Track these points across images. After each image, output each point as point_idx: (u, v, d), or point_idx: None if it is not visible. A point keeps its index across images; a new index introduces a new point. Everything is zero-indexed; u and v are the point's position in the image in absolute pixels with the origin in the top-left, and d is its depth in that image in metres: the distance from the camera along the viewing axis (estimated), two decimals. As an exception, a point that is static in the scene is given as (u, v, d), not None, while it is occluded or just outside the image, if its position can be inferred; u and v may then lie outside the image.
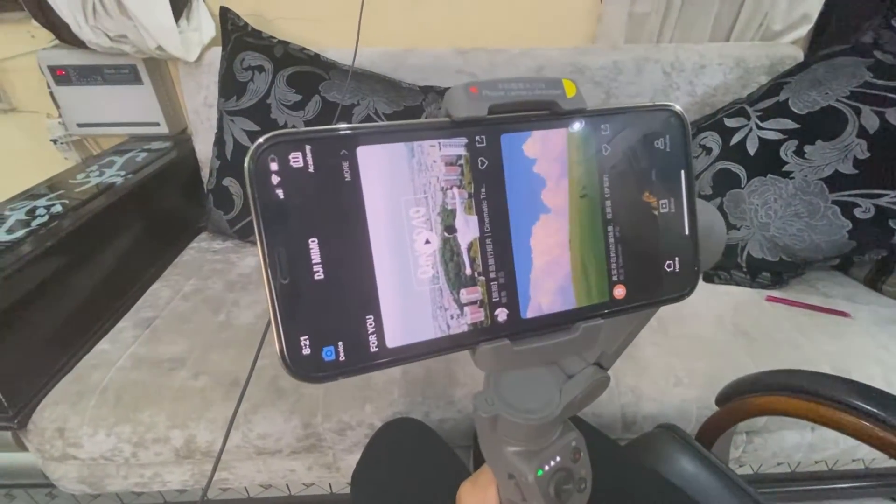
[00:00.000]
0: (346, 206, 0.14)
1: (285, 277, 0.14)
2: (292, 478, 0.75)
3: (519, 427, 0.23)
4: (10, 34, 1.11)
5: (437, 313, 0.16)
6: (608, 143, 0.17)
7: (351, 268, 0.14)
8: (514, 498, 0.25)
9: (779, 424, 0.75)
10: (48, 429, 0.66)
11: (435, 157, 0.15)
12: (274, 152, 0.14)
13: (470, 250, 0.16)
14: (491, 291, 0.16)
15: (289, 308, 0.14)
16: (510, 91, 0.16)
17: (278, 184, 0.14)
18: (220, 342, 0.76)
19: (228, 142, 0.99)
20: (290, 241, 0.14)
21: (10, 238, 0.72)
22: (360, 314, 0.15)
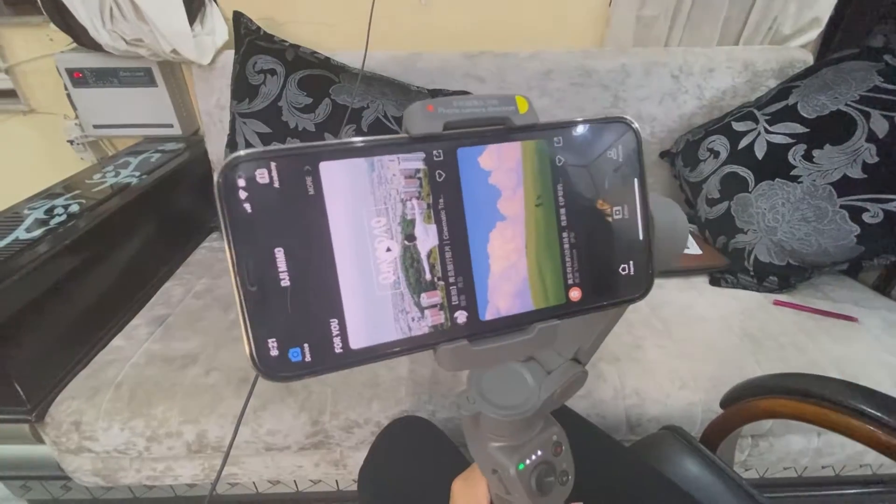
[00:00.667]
0: (310, 217, 0.15)
1: (253, 285, 0.15)
2: (300, 474, 0.76)
3: (500, 423, 0.24)
4: (29, 38, 1.14)
5: (399, 316, 0.17)
6: (561, 155, 0.18)
7: (315, 275, 0.15)
8: (500, 492, 0.26)
9: (785, 429, 0.75)
10: (64, 422, 0.67)
11: (394, 170, 0.16)
12: (241, 169, 0.14)
13: (429, 257, 0.17)
14: (450, 295, 0.17)
15: (257, 313, 0.15)
16: (464, 108, 0.17)
17: (246, 198, 0.14)
18: (230, 339, 0.78)
19: (241, 143, 1.01)
20: (257, 251, 0.15)
21: (29, 237, 0.74)
22: (324, 318, 0.16)
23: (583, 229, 0.19)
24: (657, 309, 0.85)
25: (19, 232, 0.75)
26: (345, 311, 0.16)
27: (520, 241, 0.18)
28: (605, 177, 0.19)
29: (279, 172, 0.15)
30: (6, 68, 1.16)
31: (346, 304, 0.16)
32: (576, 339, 0.26)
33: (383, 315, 0.16)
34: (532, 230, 0.18)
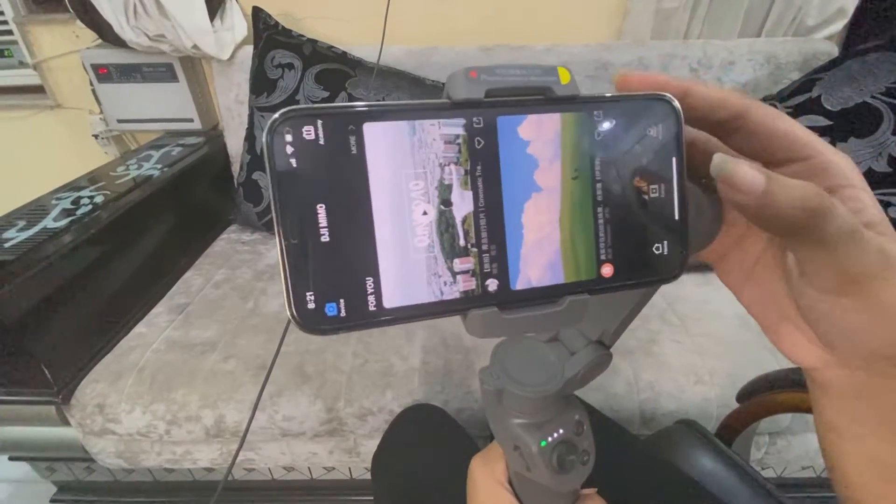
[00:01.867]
0: (351, 176, 0.16)
1: (294, 238, 0.15)
2: (314, 461, 0.78)
3: (522, 399, 0.24)
4: (56, 34, 1.18)
5: (432, 279, 0.17)
6: (601, 129, 0.18)
7: (354, 233, 0.16)
8: (520, 469, 0.26)
9: (804, 426, 0.73)
10: (89, 405, 0.70)
11: (435, 135, 0.16)
12: (289, 125, 0.15)
13: (464, 223, 0.17)
14: (483, 262, 0.17)
15: (296, 266, 0.15)
16: (507, 76, 0.17)
17: (291, 153, 0.15)
18: (248, 328, 0.79)
19: (259, 137, 1.02)
20: (300, 205, 0.15)
21: (56, 226, 0.77)
22: (360, 275, 0.16)
23: (618, 205, 0.19)
24: (673, 304, 0.84)
25: (47, 222, 0.78)
26: (380, 271, 0.16)
27: (554, 213, 0.18)
28: (643, 154, 0.19)
29: (325, 130, 0.15)
30: (34, 64, 1.20)
31: (381, 264, 0.16)
32: (601, 321, 0.26)
33: (417, 277, 0.17)
34: (567, 203, 0.18)
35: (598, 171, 0.18)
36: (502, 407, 0.26)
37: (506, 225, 0.18)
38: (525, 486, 0.28)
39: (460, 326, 0.60)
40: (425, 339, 0.77)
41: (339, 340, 0.76)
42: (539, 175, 0.18)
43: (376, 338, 0.77)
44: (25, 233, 0.74)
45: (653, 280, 0.20)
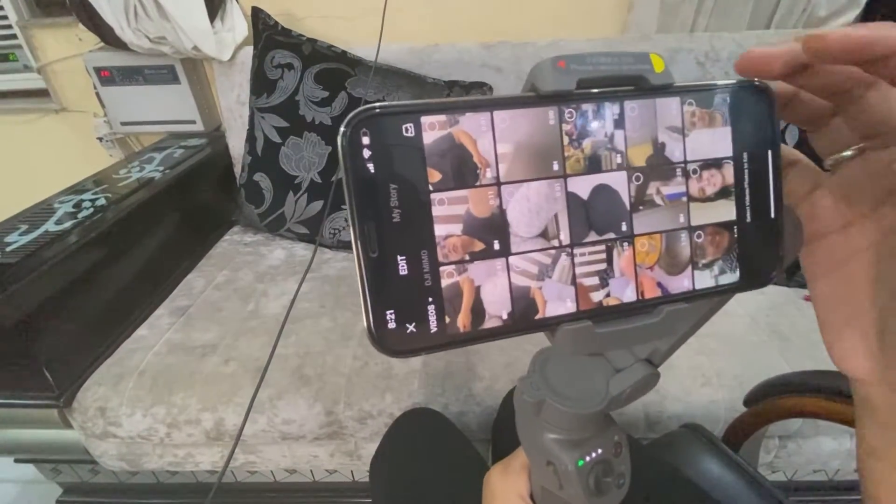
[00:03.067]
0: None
1: (374, 251, 0.14)
2: (316, 463, 0.77)
3: (563, 415, 0.23)
4: (59, 38, 1.18)
5: (520, 294, 0.16)
6: (694, 118, 0.17)
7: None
8: (550, 486, 0.25)
9: (814, 429, 0.71)
10: (91, 408, 0.70)
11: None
12: (366, 126, 0.14)
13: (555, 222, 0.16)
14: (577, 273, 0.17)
15: (376, 282, 0.14)
16: (598, 65, 0.16)
17: (369, 158, 0.14)
18: (249, 330, 0.79)
19: (259, 138, 1.02)
20: (380, 214, 0.14)
21: (59, 229, 0.77)
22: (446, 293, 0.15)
23: (712, 204, 0.18)
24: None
25: (49, 224, 0.78)
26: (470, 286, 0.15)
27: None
28: (738, 147, 0.18)
29: (404, 130, 0.14)
30: (38, 68, 1.21)
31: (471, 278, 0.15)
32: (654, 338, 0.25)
33: (504, 293, 0.16)
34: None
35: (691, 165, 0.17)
36: (539, 420, 0.24)
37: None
38: (551, 503, 0.27)
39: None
40: (426, 340, 0.76)
41: (339, 343, 0.76)
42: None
43: (376, 340, 0.76)
44: (27, 236, 0.75)
45: (746, 284, 0.18)
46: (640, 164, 0.17)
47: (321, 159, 1.00)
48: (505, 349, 0.74)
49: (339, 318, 0.81)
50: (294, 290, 0.88)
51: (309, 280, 0.90)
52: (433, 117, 0.14)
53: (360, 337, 0.77)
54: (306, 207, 1.01)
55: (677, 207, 0.17)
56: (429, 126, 0.14)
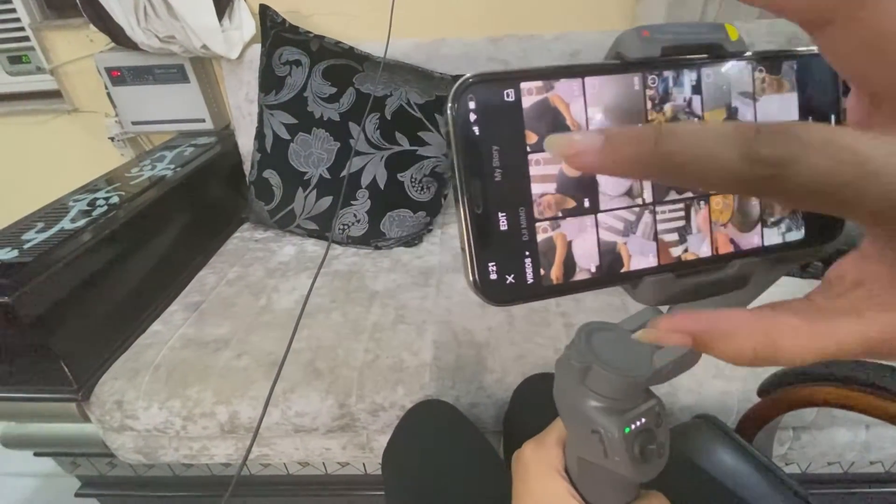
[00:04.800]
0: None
1: (479, 207, 0.15)
2: (328, 456, 0.78)
3: (610, 381, 0.24)
4: (71, 39, 1.20)
5: (607, 248, 0.17)
6: (764, 84, 0.18)
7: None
8: (592, 456, 0.26)
9: (829, 420, 0.71)
10: (108, 401, 0.71)
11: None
12: (472, 91, 0.15)
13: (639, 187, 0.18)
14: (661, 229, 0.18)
15: (480, 236, 0.15)
16: (679, 34, 0.17)
17: (475, 121, 0.15)
18: (261, 325, 0.80)
19: (268, 135, 1.03)
20: (484, 173, 0.15)
21: (73, 227, 0.78)
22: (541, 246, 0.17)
23: None
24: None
25: (64, 223, 0.80)
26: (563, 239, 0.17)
27: None
28: (804, 111, 0.19)
29: (506, 95, 0.15)
30: (51, 69, 1.23)
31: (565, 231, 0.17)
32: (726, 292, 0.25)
33: (592, 247, 0.17)
34: None
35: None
36: (583, 388, 0.25)
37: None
38: (589, 475, 0.27)
39: (472, 321, 0.60)
40: (436, 334, 0.76)
41: (350, 336, 0.76)
42: None
43: (387, 333, 0.77)
44: (44, 234, 0.76)
45: (811, 241, 0.19)
46: None
47: (330, 155, 1.00)
48: (516, 342, 0.74)
49: (350, 312, 0.82)
50: (305, 285, 0.89)
51: (319, 275, 0.91)
52: (531, 83, 0.15)
53: (371, 331, 0.78)
54: (316, 203, 1.02)
55: None
56: (527, 91, 0.15)
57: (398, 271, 0.93)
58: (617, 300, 0.81)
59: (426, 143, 1.00)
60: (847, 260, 0.14)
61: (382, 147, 0.99)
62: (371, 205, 1.00)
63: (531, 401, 0.60)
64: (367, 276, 0.92)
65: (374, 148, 0.99)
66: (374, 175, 0.99)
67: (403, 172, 1.00)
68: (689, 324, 0.14)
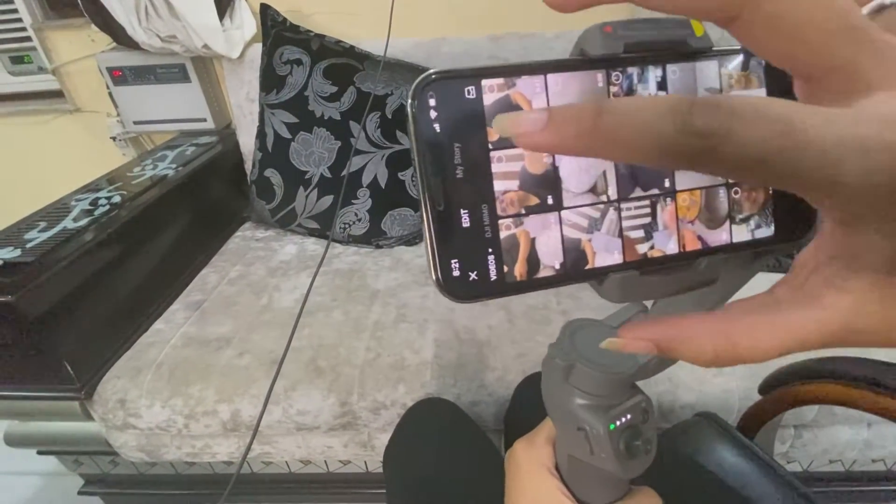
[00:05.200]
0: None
1: (440, 205, 0.15)
2: (330, 454, 0.78)
3: (593, 378, 0.24)
4: (73, 40, 1.20)
5: (571, 246, 0.17)
6: (731, 80, 0.18)
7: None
8: (579, 453, 0.26)
9: (830, 419, 0.71)
10: (111, 400, 0.71)
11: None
12: (433, 89, 0.15)
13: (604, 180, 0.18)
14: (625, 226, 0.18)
15: (442, 233, 0.16)
16: (643, 31, 0.17)
17: (435, 118, 0.15)
18: (262, 323, 0.80)
19: (269, 134, 1.03)
20: (445, 171, 0.15)
21: (76, 226, 0.79)
22: (505, 244, 0.17)
23: None
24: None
25: (67, 222, 0.80)
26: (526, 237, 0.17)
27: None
28: None
29: (467, 92, 0.15)
30: (52, 69, 1.23)
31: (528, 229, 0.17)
32: (680, 311, 0.25)
33: (556, 245, 0.17)
34: None
35: None
36: (567, 386, 0.25)
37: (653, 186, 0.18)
38: (578, 472, 0.27)
39: (473, 320, 0.61)
40: (437, 332, 0.76)
41: (351, 335, 0.77)
42: None
43: (388, 332, 0.77)
44: (46, 233, 0.76)
45: (781, 239, 0.19)
46: None
47: (331, 154, 1.00)
48: (517, 341, 0.74)
49: (351, 311, 0.82)
50: (306, 284, 0.89)
51: (320, 274, 0.91)
52: (493, 80, 0.15)
53: (372, 329, 0.78)
54: (317, 202, 1.02)
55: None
56: (488, 88, 0.15)
57: (399, 270, 0.94)
58: (618, 298, 0.81)
59: (427, 142, 1.00)
60: (809, 248, 0.14)
61: (383, 146, 0.99)
62: (372, 203, 1.00)
63: (532, 399, 0.60)
64: (369, 274, 0.93)
65: (374, 147, 0.99)
66: (374, 174, 1.00)
67: (404, 171, 1.00)
68: (651, 331, 0.14)
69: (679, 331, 0.14)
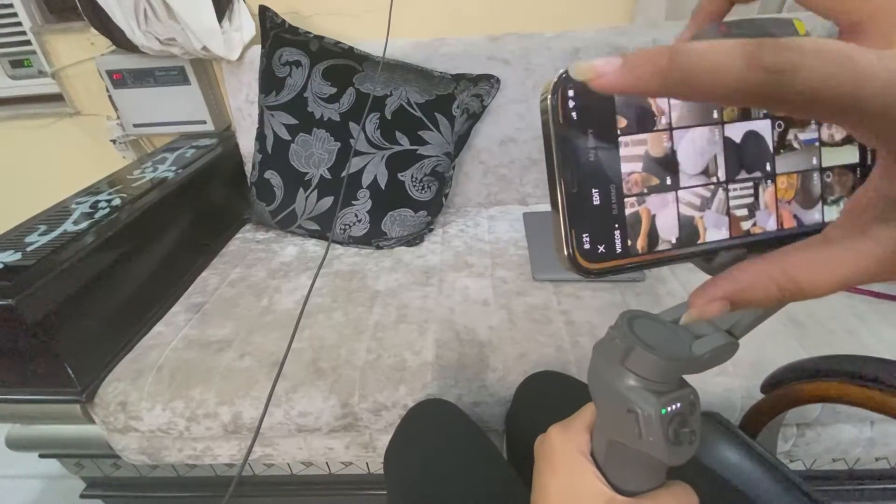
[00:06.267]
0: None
1: (574, 187, 0.17)
2: (331, 456, 0.78)
3: (651, 362, 0.24)
4: (72, 43, 1.20)
5: (688, 222, 0.19)
6: None
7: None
8: (625, 437, 0.26)
9: (833, 417, 0.70)
10: (112, 403, 0.71)
11: None
12: (571, 82, 0.17)
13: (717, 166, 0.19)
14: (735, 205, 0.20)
15: (575, 213, 0.17)
16: (753, 30, 0.19)
17: (573, 108, 0.17)
18: (263, 325, 0.80)
19: (269, 136, 1.03)
20: (580, 154, 0.17)
21: (76, 229, 0.79)
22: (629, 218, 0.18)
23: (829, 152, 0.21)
24: (693, 288, 0.82)
25: (67, 225, 0.80)
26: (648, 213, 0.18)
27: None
28: None
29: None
30: (52, 73, 1.23)
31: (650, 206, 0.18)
32: (736, 311, 0.25)
33: (673, 221, 0.19)
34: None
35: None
36: (622, 368, 0.25)
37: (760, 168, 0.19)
38: (618, 458, 0.27)
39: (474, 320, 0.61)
40: (438, 333, 0.76)
41: (352, 336, 0.76)
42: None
43: (389, 332, 0.77)
44: (47, 236, 0.76)
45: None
46: (781, 114, 0.19)
47: (330, 155, 1.00)
48: (518, 341, 0.74)
49: (352, 312, 0.82)
50: (306, 285, 0.89)
51: (321, 275, 0.91)
52: None
53: (372, 330, 0.78)
54: (317, 203, 1.02)
55: (811, 151, 0.20)
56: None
57: (400, 271, 0.93)
58: (618, 297, 0.81)
59: (426, 143, 1.00)
60: (858, 191, 0.14)
61: (383, 147, 0.99)
62: (372, 204, 1.00)
63: (534, 399, 0.60)
64: (369, 275, 0.93)
65: (374, 148, 0.99)
66: (374, 175, 1.00)
67: (404, 172, 1.00)
68: (718, 290, 0.15)
69: (742, 281, 0.15)
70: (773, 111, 0.19)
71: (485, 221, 1.10)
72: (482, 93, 1.03)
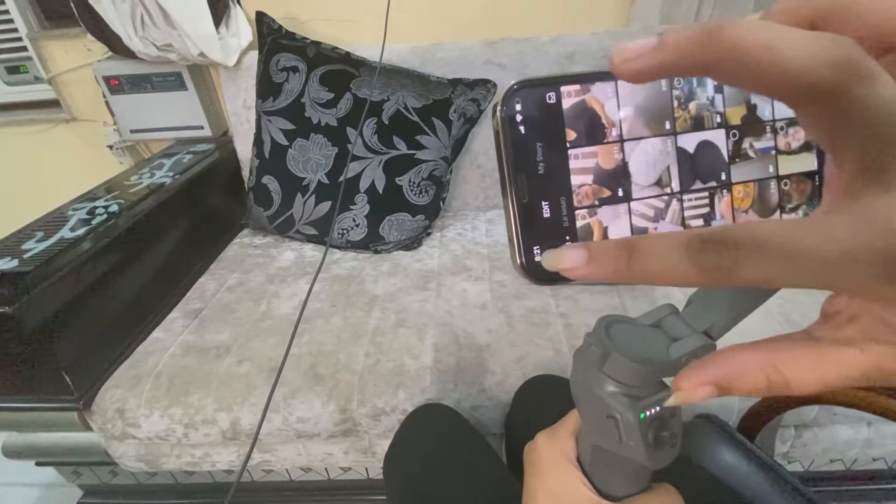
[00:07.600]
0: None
1: (525, 198, 0.17)
2: (330, 461, 0.78)
3: (627, 367, 0.24)
4: (69, 49, 1.20)
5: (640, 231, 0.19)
6: None
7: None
8: (606, 442, 0.26)
9: (830, 418, 0.71)
10: (109, 409, 0.71)
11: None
12: (519, 95, 0.17)
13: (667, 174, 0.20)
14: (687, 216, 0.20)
15: (526, 223, 0.17)
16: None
17: (521, 121, 0.17)
18: (261, 331, 0.80)
19: (266, 141, 1.03)
20: (529, 167, 0.17)
21: (73, 236, 0.79)
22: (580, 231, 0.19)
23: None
24: (690, 290, 0.82)
25: (64, 231, 0.80)
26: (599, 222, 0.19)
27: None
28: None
29: (548, 97, 0.17)
30: (49, 79, 1.23)
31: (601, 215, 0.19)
32: (713, 312, 0.25)
33: (627, 231, 0.19)
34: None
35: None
36: (601, 374, 0.25)
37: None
38: (602, 463, 0.28)
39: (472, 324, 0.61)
40: (437, 337, 0.76)
41: (351, 341, 0.76)
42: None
43: (388, 337, 0.77)
44: (44, 243, 0.76)
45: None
46: (736, 123, 0.20)
47: (328, 160, 1.00)
48: (517, 344, 0.74)
49: (350, 316, 0.82)
50: (305, 290, 0.89)
51: (319, 280, 0.91)
52: (570, 87, 0.17)
53: (371, 335, 0.78)
54: (314, 208, 1.02)
55: (767, 159, 0.20)
56: (567, 94, 0.17)
57: (398, 275, 0.94)
58: (616, 300, 0.82)
59: (424, 147, 1.00)
60: (840, 297, 0.15)
61: (380, 151, 0.99)
62: (370, 209, 1.00)
63: (533, 402, 0.60)
64: (367, 280, 0.93)
65: (371, 152, 0.99)
66: (372, 179, 1.00)
67: (402, 176, 1.00)
68: (707, 375, 0.15)
69: (731, 369, 0.15)
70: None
71: (482, 225, 1.11)
72: (479, 97, 1.03)
